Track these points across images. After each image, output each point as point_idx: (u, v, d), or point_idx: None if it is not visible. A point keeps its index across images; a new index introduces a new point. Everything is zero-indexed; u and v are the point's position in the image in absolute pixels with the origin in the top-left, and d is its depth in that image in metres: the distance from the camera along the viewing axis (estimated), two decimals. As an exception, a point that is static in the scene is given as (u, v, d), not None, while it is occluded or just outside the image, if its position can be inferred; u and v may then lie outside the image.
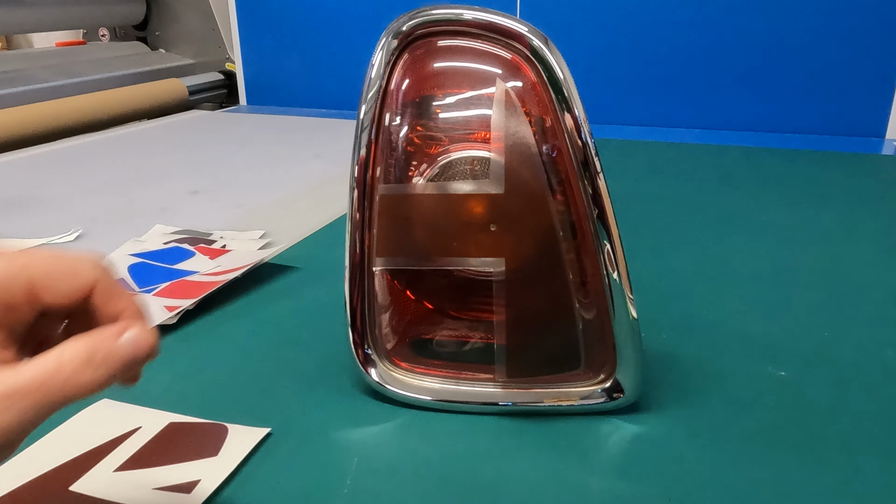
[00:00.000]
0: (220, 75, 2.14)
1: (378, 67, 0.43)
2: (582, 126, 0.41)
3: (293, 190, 1.02)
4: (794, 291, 0.65)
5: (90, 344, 0.28)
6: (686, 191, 0.99)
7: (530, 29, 0.42)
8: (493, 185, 0.42)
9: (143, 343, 0.30)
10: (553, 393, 0.45)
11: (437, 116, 0.43)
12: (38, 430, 0.44)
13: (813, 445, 0.43)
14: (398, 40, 0.43)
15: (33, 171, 1.14)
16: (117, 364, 0.28)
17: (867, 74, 1.35)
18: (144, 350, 0.30)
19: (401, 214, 0.44)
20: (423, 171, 0.43)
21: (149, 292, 0.64)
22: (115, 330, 0.29)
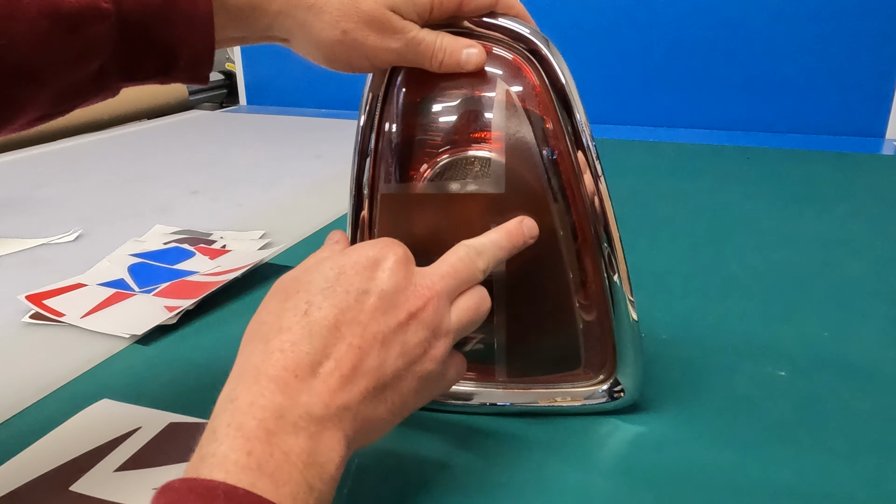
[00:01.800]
0: (220, 75, 2.14)
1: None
2: (583, 129, 0.41)
3: (293, 190, 1.02)
4: (794, 291, 0.65)
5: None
6: (686, 191, 0.99)
7: (531, 30, 0.42)
8: (493, 185, 0.42)
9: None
10: (553, 393, 0.45)
11: (437, 117, 0.43)
12: (38, 429, 0.44)
13: (813, 445, 0.43)
14: (399, 41, 0.43)
15: (33, 171, 1.14)
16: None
17: (867, 74, 1.35)
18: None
19: (401, 214, 0.44)
20: (424, 172, 0.43)
21: (149, 292, 0.64)
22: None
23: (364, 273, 0.33)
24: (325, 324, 0.31)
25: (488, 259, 0.38)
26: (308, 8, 0.39)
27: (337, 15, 0.39)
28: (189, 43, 0.37)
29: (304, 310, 0.32)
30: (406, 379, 0.33)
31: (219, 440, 0.27)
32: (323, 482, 0.28)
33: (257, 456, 0.27)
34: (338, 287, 0.33)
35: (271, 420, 0.28)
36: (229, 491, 0.25)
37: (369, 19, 0.39)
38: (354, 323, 0.32)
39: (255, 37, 0.41)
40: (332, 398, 0.30)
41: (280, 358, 0.30)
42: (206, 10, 0.37)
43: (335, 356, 0.31)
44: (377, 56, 0.40)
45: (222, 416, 0.28)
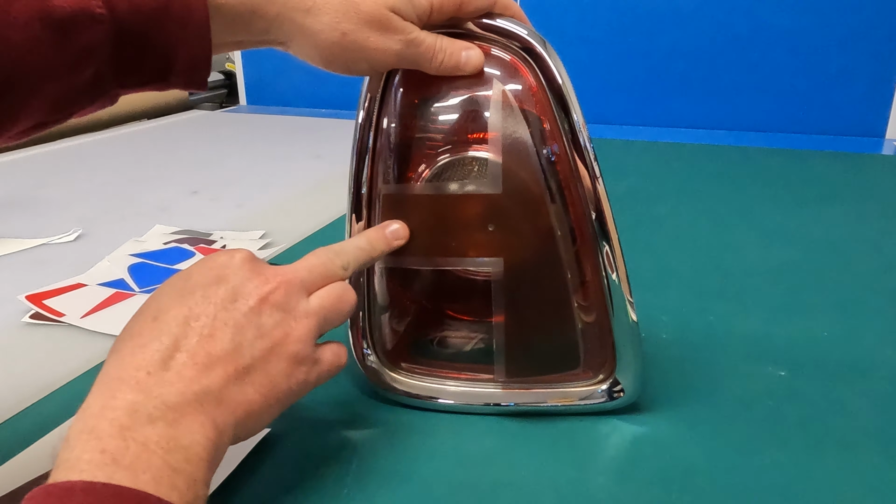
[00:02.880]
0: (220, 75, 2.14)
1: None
2: (580, 129, 0.41)
3: (293, 190, 1.02)
4: (793, 291, 0.65)
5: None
6: (686, 191, 0.99)
7: (529, 31, 0.42)
8: (490, 185, 0.42)
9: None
10: (553, 393, 0.45)
11: (435, 117, 0.43)
12: (38, 429, 0.44)
13: (813, 445, 0.43)
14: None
15: (33, 171, 1.15)
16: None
17: (867, 74, 1.35)
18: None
19: (400, 215, 0.44)
20: (422, 172, 0.43)
21: (149, 292, 0.64)
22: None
23: (209, 274, 0.34)
24: (174, 322, 0.32)
25: (348, 258, 0.39)
26: (306, 10, 0.39)
27: (336, 16, 0.39)
28: (185, 48, 0.37)
29: (153, 315, 0.33)
30: (271, 361, 0.34)
31: (71, 447, 0.27)
32: (191, 464, 0.29)
33: (112, 451, 0.27)
34: (185, 291, 0.34)
35: (124, 417, 0.28)
36: (87, 487, 0.26)
37: (369, 20, 0.39)
38: (203, 315, 0.33)
39: (252, 41, 0.41)
40: (188, 385, 0.30)
41: (130, 361, 0.31)
42: (201, 15, 0.37)
43: (186, 347, 0.31)
44: (377, 57, 0.40)
45: (75, 425, 0.28)
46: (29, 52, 0.33)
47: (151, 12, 0.35)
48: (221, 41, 0.39)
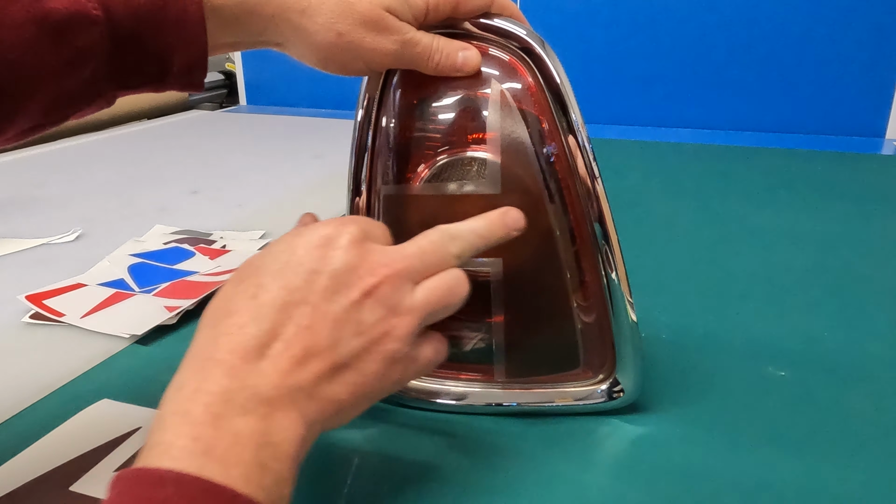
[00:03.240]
0: (220, 75, 2.14)
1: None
2: (579, 129, 0.41)
3: (293, 190, 1.02)
4: (793, 291, 0.65)
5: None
6: (685, 191, 0.99)
7: (527, 31, 0.42)
8: (489, 185, 0.42)
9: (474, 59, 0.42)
10: (553, 393, 0.45)
11: (434, 117, 0.43)
12: (38, 429, 0.44)
13: (813, 445, 0.43)
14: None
15: (33, 171, 1.15)
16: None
17: (867, 74, 1.35)
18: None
19: (399, 215, 0.44)
20: (421, 172, 0.43)
21: (149, 292, 0.64)
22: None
23: (315, 252, 0.32)
24: (273, 305, 0.31)
25: (463, 245, 0.36)
26: (301, 11, 0.39)
27: (332, 17, 0.39)
28: (181, 49, 0.37)
29: (252, 293, 0.31)
30: (367, 360, 0.32)
31: (165, 428, 0.27)
32: (278, 461, 0.28)
33: (205, 440, 0.26)
34: (287, 268, 0.32)
35: (218, 404, 0.28)
36: (178, 478, 0.25)
37: (365, 20, 0.39)
38: (303, 303, 0.31)
39: (248, 42, 0.41)
40: (283, 379, 0.29)
41: (226, 341, 0.30)
42: (197, 15, 0.37)
43: (284, 337, 0.30)
44: (373, 58, 0.40)
45: (168, 405, 0.28)
46: (25, 53, 0.33)
47: (147, 14, 0.36)
48: (218, 42, 0.39)
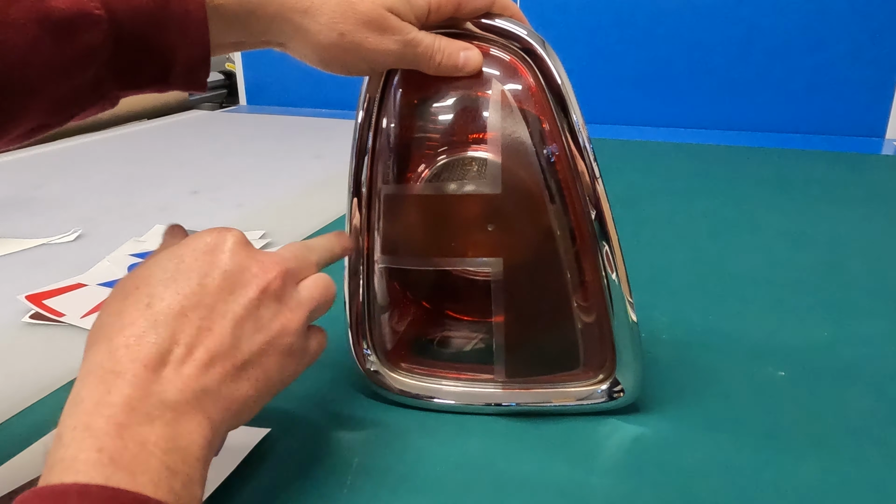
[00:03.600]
0: (220, 75, 2.14)
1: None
2: (579, 129, 0.41)
3: (293, 190, 1.02)
4: (793, 291, 0.65)
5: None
6: (686, 191, 0.99)
7: (528, 31, 0.42)
8: (489, 185, 0.42)
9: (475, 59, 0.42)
10: (553, 393, 0.45)
11: (434, 117, 0.43)
12: (38, 429, 0.44)
13: (813, 445, 0.43)
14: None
15: (33, 171, 1.15)
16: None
17: (867, 74, 1.35)
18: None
19: (399, 215, 0.44)
20: (422, 172, 0.43)
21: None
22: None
23: (203, 258, 0.33)
24: (171, 312, 0.31)
25: (320, 254, 0.39)
26: (304, 11, 0.39)
27: (334, 17, 0.39)
28: (184, 48, 0.37)
29: (146, 303, 0.31)
30: (268, 354, 0.33)
31: (66, 445, 0.27)
32: (187, 465, 0.28)
33: (109, 451, 0.26)
34: (178, 276, 0.32)
35: (122, 414, 0.28)
36: (82, 490, 0.25)
37: (367, 20, 0.39)
38: (201, 306, 0.31)
39: (251, 42, 0.41)
40: (187, 383, 0.30)
41: (126, 353, 0.29)
42: (199, 15, 0.37)
43: (185, 341, 0.30)
44: (375, 58, 0.40)
45: (68, 421, 0.28)
46: (27, 53, 0.33)
47: (150, 14, 0.36)
48: (220, 42, 0.39)
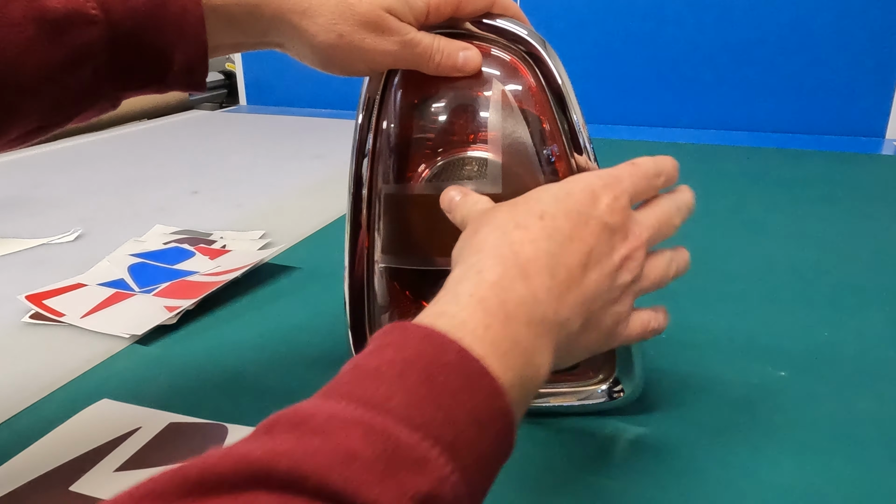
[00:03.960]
0: (220, 75, 2.14)
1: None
2: (580, 129, 0.41)
3: (293, 190, 1.02)
4: (793, 291, 0.65)
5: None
6: (686, 191, 0.98)
7: (528, 31, 0.42)
8: (490, 185, 0.42)
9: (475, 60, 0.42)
10: (553, 393, 0.45)
11: (435, 117, 0.43)
12: (38, 429, 0.44)
13: (813, 445, 0.43)
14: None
15: (33, 171, 1.15)
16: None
17: (867, 74, 1.35)
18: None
19: (399, 215, 0.44)
20: (422, 172, 0.43)
21: (149, 292, 0.64)
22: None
23: (589, 202, 0.34)
24: (562, 233, 0.32)
25: (684, 215, 0.40)
26: (302, 12, 0.39)
27: (332, 18, 0.39)
28: (181, 48, 0.37)
29: (538, 214, 0.32)
30: (602, 318, 0.34)
31: (460, 305, 0.28)
32: (533, 384, 0.29)
33: (493, 334, 0.27)
34: (569, 204, 0.33)
35: (512, 305, 0.29)
36: (463, 352, 0.26)
37: (366, 21, 0.39)
38: (584, 242, 0.32)
39: (250, 43, 0.41)
40: (559, 306, 0.31)
41: (521, 249, 0.31)
42: (196, 15, 0.37)
43: (568, 267, 0.31)
44: (374, 59, 0.40)
45: (465, 285, 0.29)
46: (23, 52, 0.33)
47: (147, 14, 0.36)
48: (219, 43, 0.39)
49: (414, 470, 0.22)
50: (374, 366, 0.25)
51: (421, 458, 0.22)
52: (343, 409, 0.23)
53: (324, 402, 0.24)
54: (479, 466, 0.25)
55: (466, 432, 0.24)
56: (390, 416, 0.23)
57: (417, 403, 0.24)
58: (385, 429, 0.22)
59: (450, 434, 0.24)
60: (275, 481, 0.20)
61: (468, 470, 0.24)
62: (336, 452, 0.21)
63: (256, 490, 0.19)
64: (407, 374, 0.25)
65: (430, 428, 0.23)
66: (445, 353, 0.26)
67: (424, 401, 0.24)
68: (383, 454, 0.22)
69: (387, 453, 0.22)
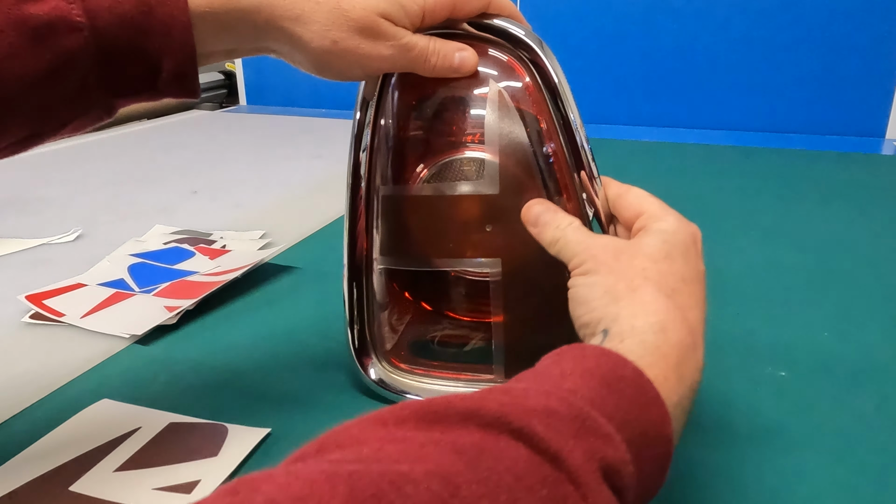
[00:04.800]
0: (220, 75, 2.14)
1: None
2: (577, 128, 0.41)
3: (293, 190, 1.02)
4: (793, 291, 0.65)
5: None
6: (685, 191, 0.98)
7: (525, 31, 0.42)
8: (487, 185, 0.42)
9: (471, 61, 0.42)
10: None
11: (432, 118, 0.43)
12: (38, 429, 0.44)
13: (813, 446, 0.43)
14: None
15: (33, 171, 1.15)
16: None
17: (867, 74, 1.35)
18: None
19: (397, 215, 0.44)
20: (420, 173, 0.43)
21: (149, 292, 0.64)
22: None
23: (696, 253, 0.37)
24: (699, 296, 0.35)
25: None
26: (295, 19, 0.38)
27: (326, 24, 0.38)
28: (169, 55, 0.37)
29: (681, 278, 0.35)
30: (695, 374, 0.35)
31: (648, 351, 0.30)
32: (684, 414, 0.31)
33: (668, 388, 0.29)
34: (689, 261, 0.36)
35: (685, 370, 0.31)
36: (638, 371, 0.28)
37: (360, 27, 0.39)
38: (703, 301, 0.35)
39: (244, 49, 0.41)
40: (693, 373, 0.32)
41: (688, 315, 0.33)
42: (183, 21, 0.36)
43: (702, 329, 0.34)
44: (369, 64, 0.40)
45: (652, 338, 0.31)
46: (4, 59, 0.33)
47: (133, 20, 0.35)
48: (212, 50, 0.39)
49: (604, 441, 0.25)
50: (556, 372, 0.28)
51: (608, 435, 0.25)
52: (535, 387, 0.26)
53: (522, 385, 0.27)
54: (641, 479, 0.27)
55: (638, 440, 0.26)
56: (579, 399, 0.26)
57: (600, 400, 0.26)
58: (577, 403, 0.25)
59: (627, 433, 0.26)
60: (483, 420, 0.23)
61: (636, 476, 0.26)
62: (537, 407, 0.24)
63: (469, 426, 0.23)
64: (588, 377, 0.27)
65: (613, 420, 0.26)
66: (623, 368, 0.28)
67: (605, 399, 0.27)
68: (578, 418, 0.25)
69: (580, 418, 0.25)
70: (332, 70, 0.41)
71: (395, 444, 0.22)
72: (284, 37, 0.39)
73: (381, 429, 0.23)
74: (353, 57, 0.40)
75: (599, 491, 0.23)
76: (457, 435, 0.23)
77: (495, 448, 0.23)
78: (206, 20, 0.37)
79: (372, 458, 0.21)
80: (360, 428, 0.23)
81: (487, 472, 0.21)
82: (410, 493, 0.19)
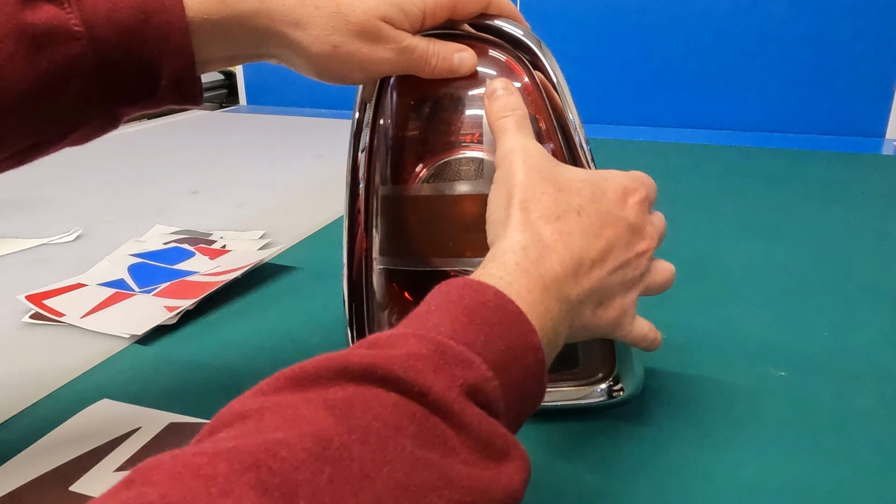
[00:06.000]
0: (220, 75, 2.14)
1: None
2: (576, 128, 0.41)
3: (293, 190, 1.02)
4: (793, 291, 0.65)
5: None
6: (685, 191, 0.99)
7: (524, 32, 0.42)
8: (486, 185, 0.42)
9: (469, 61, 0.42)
10: (552, 392, 0.45)
11: (431, 118, 0.43)
12: (38, 429, 0.44)
13: (813, 445, 0.43)
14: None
15: (33, 171, 1.14)
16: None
17: (867, 74, 1.35)
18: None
19: (397, 215, 0.44)
20: (419, 173, 0.43)
21: (149, 292, 0.64)
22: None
23: (619, 202, 0.38)
24: (593, 229, 0.36)
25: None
26: (294, 24, 0.38)
27: (326, 29, 0.38)
28: (168, 62, 0.37)
29: (577, 210, 0.36)
30: (610, 306, 0.37)
31: (506, 270, 0.33)
32: (553, 352, 0.34)
33: (532, 298, 0.32)
34: (602, 205, 0.37)
35: (548, 280, 0.33)
36: (500, 294, 0.31)
37: (360, 31, 0.39)
38: (608, 240, 0.36)
39: (245, 55, 0.41)
40: (580, 290, 0.35)
41: (559, 238, 0.35)
42: (180, 28, 0.36)
43: (592, 258, 0.36)
44: (370, 67, 0.40)
45: (511, 256, 0.33)
46: (3, 67, 0.33)
47: (131, 28, 0.35)
48: (212, 56, 0.39)
49: (462, 366, 0.27)
50: (423, 310, 0.31)
51: (467, 359, 0.27)
52: (402, 332, 0.29)
53: (388, 333, 0.29)
54: (514, 390, 0.29)
55: (503, 357, 0.29)
56: (440, 335, 0.28)
57: (462, 329, 0.29)
58: (436, 339, 0.28)
59: (489, 354, 0.28)
60: (352, 374, 0.25)
61: (505, 388, 0.28)
62: (398, 353, 0.26)
63: (339, 382, 0.25)
64: (451, 309, 0.30)
65: (474, 346, 0.28)
66: (484, 294, 0.30)
67: (467, 328, 0.29)
68: (436, 353, 0.27)
69: (438, 353, 0.27)
70: (333, 74, 0.41)
71: (273, 412, 0.23)
72: (284, 42, 0.39)
73: (261, 397, 0.25)
74: (354, 61, 0.39)
75: (464, 411, 0.26)
76: (330, 392, 0.24)
77: (364, 398, 0.24)
78: (205, 26, 0.37)
79: (253, 431, 0.23)
80: (241, 403, 0.25)
81: (357, 420, 0.23)
82: (286, 456, 0.21)
